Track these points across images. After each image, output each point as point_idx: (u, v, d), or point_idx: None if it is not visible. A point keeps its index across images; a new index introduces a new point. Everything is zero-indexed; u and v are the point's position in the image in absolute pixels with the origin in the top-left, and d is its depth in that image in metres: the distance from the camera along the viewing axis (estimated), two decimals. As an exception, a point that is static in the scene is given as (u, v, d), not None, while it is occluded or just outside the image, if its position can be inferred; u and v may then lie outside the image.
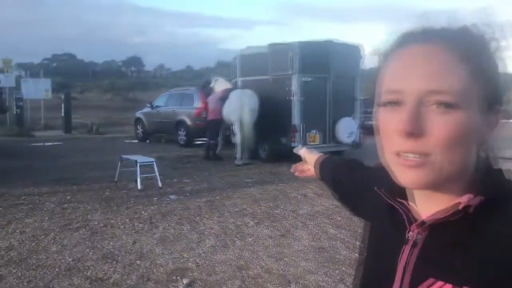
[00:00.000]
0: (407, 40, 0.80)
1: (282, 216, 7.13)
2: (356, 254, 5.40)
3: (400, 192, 0.87)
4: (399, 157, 0.77)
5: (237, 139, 12.04)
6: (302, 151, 1.65)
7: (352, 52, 12.63)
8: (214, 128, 12.78)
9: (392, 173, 0.80)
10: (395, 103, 0.78)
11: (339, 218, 6.93)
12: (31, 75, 27.19)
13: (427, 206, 0.83)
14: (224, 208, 7.59)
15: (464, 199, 0.77)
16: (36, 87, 22.40)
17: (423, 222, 0.82)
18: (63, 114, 21.81)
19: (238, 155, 12.06)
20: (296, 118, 11.73)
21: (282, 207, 7.65)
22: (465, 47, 0.76)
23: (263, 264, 5.17)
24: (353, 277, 1.05)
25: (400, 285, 0.83)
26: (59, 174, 10.62)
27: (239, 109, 11.80)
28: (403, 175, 0.78)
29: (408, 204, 0.87)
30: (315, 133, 12.04)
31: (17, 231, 6.39)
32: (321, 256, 5.40)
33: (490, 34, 0.79)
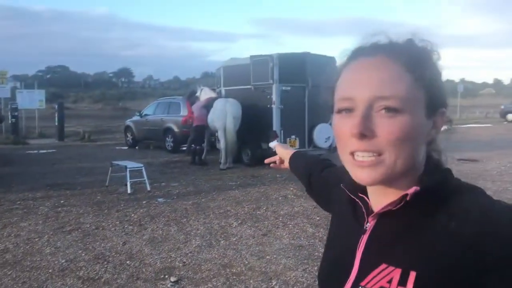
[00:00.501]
0: (357, 54, 0.85)
1: (264, 216, 7.12)
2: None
3: (361, 188, 0.90)
4: (353, 158, 0.81)
5: (221, 144, 12.01)
6: (274, 145, 1.77)
7: (327, 62, 12.68)
8: (198, 134, 12.73)
9: (349, 172, 0.85)
10: (348, 110, 0.82)
11: (317, 218, 6.94)
12: (26, 86, 26.79)
13: (381, 199, 0.86)
14: (209, 209, 7.56)
15: (410, 191, 0.80)
16: (31, 97, 22.07)
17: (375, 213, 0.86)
18: (56, 123, 21.52)
19: (223, 160, 12.03)
20: (276, 125, 11.75)
21: (264, 208, 7.64)
22: (409, 58, 0.80)
23: (246, 262, 5.15)
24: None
25: (358, 270, 0.85)
26: (53, 180, 10.47)
27: (223, 117, 11.79)
28: (358, 174, 0.82)
29: (368, 198, 0.90)
30: (294, 138, 12.06)
31: (12, 234, 6.28)
32: (301, 253, 5.41)
33: (431, 46, 0.84)
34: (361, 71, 0.82)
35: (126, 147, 18.17)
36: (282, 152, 1.70)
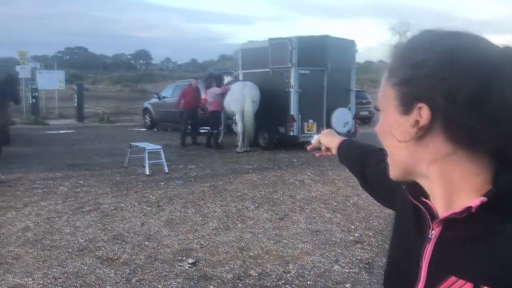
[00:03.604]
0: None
1: (281, 200, 7.11)
2: (350, 237, 5.41)
3: (425, 191, 0.86)
4: None
5: (239, 128, 11.99)
6: (317, 138, 1.71)
7: (347, 46, 12.55)
8: (214, 119, 12.76)
9: None
10: None
11: (334, 203, 6.92)
12: (46, 67, 27.07)
13: (444, 204, 0.81)
14: (226, 192, 7.57)
15: (475, 203, 0.73)
16: (51, 78, 22.25)
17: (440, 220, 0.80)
18: (76, 104, 21.73)
19: (240, 143, 12.02)
20: (293, 109, 11.68)
21: (280, 192, 7.63)
22: (390, 57, 0.84)
23: (262, 245, 5.15)
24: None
25: (425, 282, 0.80)
26: (72, 160, 10.60)
27: (241, 100, 11.75)
28: None
29: (432, 203, 0.84)
30: (312, 123, 11.99)
31: (33, 213, 6.37)
32: (317, 238, 5.39)
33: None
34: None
35: (144, 129, 18.30)
36: (328, 141, 1.65)
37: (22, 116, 20.52)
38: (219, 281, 4.24)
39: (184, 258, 4.78)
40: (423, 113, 0.76)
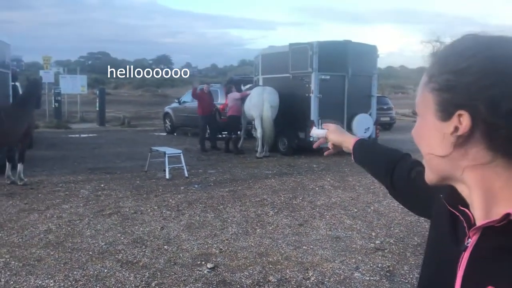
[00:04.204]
0: None
1: (300, 206, 7.07)
2: (371, 244, 5.34)
3: (463, 200, 0.84)
4: None
5: (258, 133, 11.99)
6: (319, 133, 1.69)
7: (369, 51, 12.47)
8: (233, 124, 12.78)
9: None
10: None
11: (355, 210, 6.85)
12: (69, 72, 27.51)
13: (483, 212, 0.78)
14: (245, 197, 7.57)
15: None
16: (73, 82, 22.61)
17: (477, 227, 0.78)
18: (97, 108, 22.01)
19: (259, 148, 12.01)
20: (314, 114, 11.63)
21: (300, 198, 7.59)
22: (429, 61, 0.83)
23: (282, 251, 5.13)
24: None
25: None
26: (94, 164, 10.73)
27: (260, 105, 11.75)
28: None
29: (470, 212, 0.82)
30: (332, 128, 11.91)
31: (55, 216, 6.46)
32: (338, 245, 5.34)
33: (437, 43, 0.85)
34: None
35: (164, 133, 18.44)
36: (338, 139, 1.60)
37: (45, 119, 20.88)
38: (238, 286, 4.23)
39: (203, 262, 4.78)
40: (464, 120, 0.74)
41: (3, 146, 8.42)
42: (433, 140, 0.80)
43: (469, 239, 0.79)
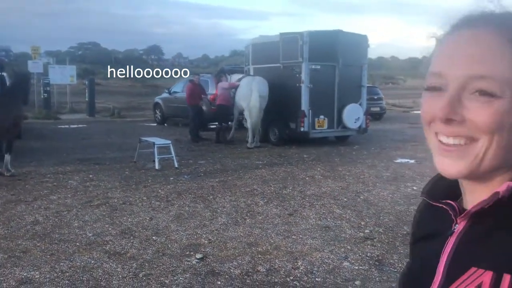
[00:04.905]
0: (461, 25, 0.71)
1: (290, 196, 7.05)
2: (360, 233, 5.33)
3: (445, 194, 0.80)
4: (441, 143, 0.71)
5: (249, 123, 11.94)
6: None
7: (359, 41, 12.42)
8: (221, 113, 12.72)
9: (435, 163, 0.74)
10: (437, 89, 0.70)
11: (344, 199, 6.84)
12: (58, 62, 27.18)
13: (472, 198, 0.75)
14: (235, 188, 7.53)
15: (502, 188, 0.68)
16: (62, 73, 22.37)
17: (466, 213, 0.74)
18: (87, 99, 21.83)
19: (250, 139, 11.96)
20: (304, 104, 11.59)
21: (290, 187, 7.57)
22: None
23: (271, 241, 5.10)
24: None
25: (445, 275, 0.74)
26: (83, 154, 10.63)
27: (249, 95, 11.68)
28: (441, 163, 0.72)
29: (455, 202, 0.78)
30: (323, 118, 11.90)
31: (42, 207, 6.38)
32: (327, 234, 5.32)
33: None
34: (458, 45, 0.69)
35: (155, 124, 18.32)
36: None
37: (34, 110, 20.66)
38: (227, 276, 4.20)
39: (192, 253, 4.74)
40: None
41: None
42: None
43: (456, 225, 0.75)
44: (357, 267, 4.41)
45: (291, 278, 4.17)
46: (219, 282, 4.08)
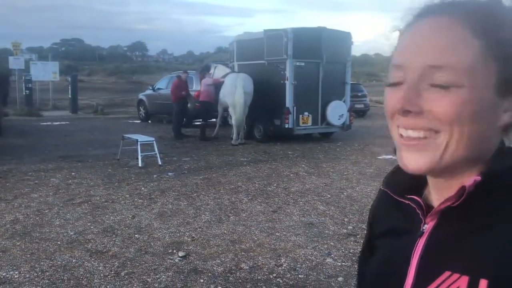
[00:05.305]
0: (422, 14, 0.69)
1: (274, 193, 7.04)
2: (344, 230, 5.34)
3: (411, 189, 0.78)
4: (402, 137, 0.69)
5: (233, 120, 11.89)
6: None
7: (343, 38, 12.45)
8: (205, 109, 12.66)
9: (398, 159, 0.71)
10: (398, 84, 0.68)
11: (328, 196, 6.85)
12: (41, 58, 26.82)
13: (440, 196, 0.72)
14: (220, 185, 7.49)
15: (469, 183, 0.66)
16: (45, 69, 22.04)
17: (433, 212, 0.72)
18: (70, 96, 21.55)
19: (234, 136, 11.92)
20: (289, 101, 11.59)
21: (274, 184, 7.56)
22: (482, 20, 0.64)
23: (255, 238, 5.08)
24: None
25: (415, 279, 0.71)
26: (65, 152, 10.49)
27: (234, 92, 11.63)
28: (403, 158, 0.69)
29: (421, 198, 0.76)
30: (307, 115, 11.91)
31: (23, 205, 6.28)
32: (310, 231, 5.33)
33: None
34: (418, 35, 0.67)
35: (138, 121, 18.17)
36: None
37: (16, 107, 20.35)
38: (210, 274, 4.17)
39: (175, 251, 4.70)
40: None
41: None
42: (483, 122, 0.65)
43: (425, 225, 0.73)
44: (340, 264, 4.42)
45: (274, 275, 4.16)
46: (201, 280, 4.06)
